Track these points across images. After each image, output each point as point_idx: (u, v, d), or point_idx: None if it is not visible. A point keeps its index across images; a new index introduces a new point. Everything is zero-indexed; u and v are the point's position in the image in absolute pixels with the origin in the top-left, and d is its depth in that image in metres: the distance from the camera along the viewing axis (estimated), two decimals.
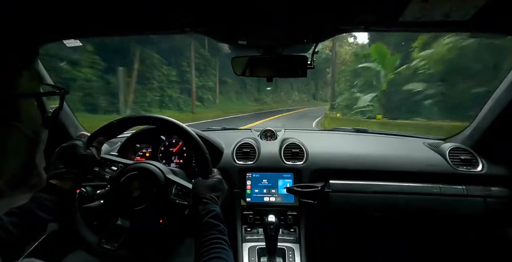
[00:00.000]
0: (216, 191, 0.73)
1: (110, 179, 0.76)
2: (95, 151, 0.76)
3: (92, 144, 0.76)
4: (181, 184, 0.76)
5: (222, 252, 0.57)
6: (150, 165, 0.77)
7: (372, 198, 1.14)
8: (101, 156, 0.79)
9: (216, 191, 0.73)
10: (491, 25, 0.72)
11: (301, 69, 0.91)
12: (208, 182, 0.74)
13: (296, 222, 1.15)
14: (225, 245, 0.59)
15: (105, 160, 0.79)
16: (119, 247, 0.70)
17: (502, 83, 1.06)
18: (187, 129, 0.82)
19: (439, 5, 0.59)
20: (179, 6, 0.64)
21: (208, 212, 0.65)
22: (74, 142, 0.73)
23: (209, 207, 0.67)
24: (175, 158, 1.22)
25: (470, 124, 1.25)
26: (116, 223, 0.73)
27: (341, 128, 1.74)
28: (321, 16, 0.69)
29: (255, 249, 1.06)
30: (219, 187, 0.75)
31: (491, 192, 1.10)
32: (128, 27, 0.78)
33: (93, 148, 0.76)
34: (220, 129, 1.65)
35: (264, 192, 1.18)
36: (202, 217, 0.64)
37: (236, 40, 0.84)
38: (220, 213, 0.67)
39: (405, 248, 1.41)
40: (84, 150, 0.73)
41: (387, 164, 1.20)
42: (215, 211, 0.66)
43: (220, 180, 0.78)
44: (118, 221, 0.74)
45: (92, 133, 0.79)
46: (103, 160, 0.79)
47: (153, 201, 0.72)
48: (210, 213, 0.65)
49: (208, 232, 0.61)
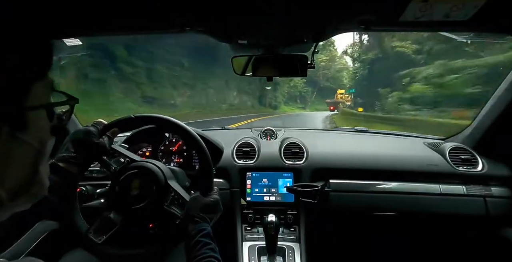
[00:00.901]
0: (211, 213, 0.72)
1: (113, 172, 0.77)
2: (107, 140, 0.75)
3: (106, 133, 0.76)
4: (180, 194, 0.75)
5: None
6: (152, 164, 0.77)
7: (372, 198, 1.14)
8: (111, 146, 0.78)
9: (210, 212, 0.72)
10: (491, 25, 0.72)
11: (301, 68, 0.92)
12: (205, 201, 0.73)
13: (296, 221, 1.15)
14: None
15: (114, 151, 0.79)
16: (105, 242, 0.70)
17: (502, 83, 1.06)
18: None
19: (439, 5, 0.59)
20: (179, 6, 0.64)
21: (198, 231, 0.65)
22: (89, 128, 0.73)
23: (199, 226, 0.66)
24: (175, 157, 1.22)
25: (470, 124, 1.26)
26: (108, 216, 0.72)
27: (341, 128, 1.74)
28: (321, 16, 0.69)
29: (255, 248, 1.07)
30: (214, 208, 0.74)
31: (491, 192, 1.10)
32: (128, 26, 0.78)
33: (106, 137, 0.76)
34: (220, 128, 1.65)
35: (264, 191, 1.18)
36: (193, 236, 0.64)
37: (236, 40, 0.84)
38: (210, 231, 0.67)
39: (405, 248, 1.42)
40: (97, 138, 0.73)
41: (387, 164, 1.20)
42: (206, 229, 0.66)
43: (218, 201, 0.76)
44: (110, 214, 0.73)
45: (109, 122, 0.79)
46: (112, 150, 0.79)
47: (150, 201, 0.72)
48: (201, 232, 0.64)
49: (200, 251, 0.61)
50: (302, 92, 34.37)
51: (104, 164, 0.78)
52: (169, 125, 0.84)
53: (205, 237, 0.64)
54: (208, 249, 0.61)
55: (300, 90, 33.90)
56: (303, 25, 0.75)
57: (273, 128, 1.47)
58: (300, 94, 34.35)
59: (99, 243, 0.69)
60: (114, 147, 0.79)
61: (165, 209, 0.74)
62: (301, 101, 34.86)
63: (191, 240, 0.63)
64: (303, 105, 33.95)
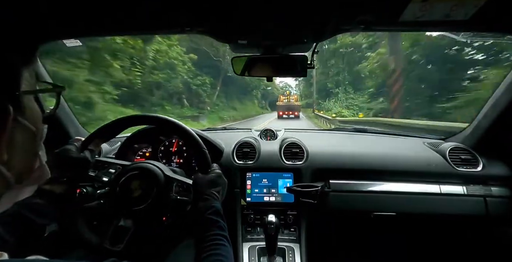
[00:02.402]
0: (216, 186, 0.73)
1: (109, 181, 0.76)
2: (88, 154, 0.76)
3: (87, 147, 0.77)
4: (181, 181, 0.76)
5: (221, 248, 0.57)
6: (149, 164, 0.78)
7: (372, 198, 1.14)
8: (96, 158, 0.78)
9: (215, 186, 0.73)
10: (491, 25, 0.72)
11: (301, 68, 0.92)
12: (207, 178, 0.74)
13: (296, 222, 1.15)
14: (225, 241, 0.59)
15: (102, 162, 0.79)
16: (124, 248, 0.70)
17: (502, 83, 1.06)
18: (184, 126, 0.82)
19: (439, 4, 0.59)
20: (179, 6, 0.64)
21: (207, 208, 0.65)
22: (66, 146, 0.74)
23: (209, 203, 0.67)
24: (175, 158, 1.22)
25: (470, 124, 1.25)
26: (118, 225, 0.73)
27: (341, 128, 1.75)
28: (321, 16, 0.69)
29: (255, 249, 1.06)
30: (218, 182, 0.75)
31: (491, 192, 1.10)
32: (128, 26, 0.78)
33: (87, 151, 0.76)
34: (220, 129, 1.65)
35: (264, 192, 1.18)
36: (202, 213, 0.64)
37: (236, 40, 0.83)
38: (220, 208, 0.67)
39: (405, 248, 1.42)
40: (76, 153, 0.73)
41: (387, 164, 1.20)
42: (215, 207, 0.66)
43: (220, 174, 0.77)
44: (121, 222, 0.73)
45: (87, 136, 0.79)
46: (100, 162, 0.79)
47: (154, 200, 0.72)
48: (209, 209, 0.65)
49: (208, 228, 0.61)
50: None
51: (95, 180, 0.78)
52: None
53: (214, 215, 0.64)
54: (216, 226, 0.62)
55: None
56: (303, 25, 0.75)
57: (273, 129, 1.48)
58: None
59: (119, 250, 0.69)
60: (99, 159, 0.79)
61: (172, 199, 0.74)
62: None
63: (201, 217, 0.64)
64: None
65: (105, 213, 0.76)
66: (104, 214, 0.77)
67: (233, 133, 1.56)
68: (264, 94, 41.16)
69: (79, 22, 0.73)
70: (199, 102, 16.18)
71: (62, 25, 0.73)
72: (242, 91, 27.19)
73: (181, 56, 13.84)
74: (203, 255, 0.55)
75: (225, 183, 0.78)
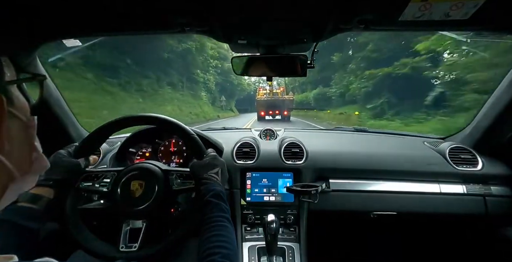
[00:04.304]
0: (213, 168, 0.73)
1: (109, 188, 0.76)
2: (83, 161, 0.77)
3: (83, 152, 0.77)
4: (178, 170, 0.77)
5: (222, 229, 0.58)
6: (145, 163, 0.79)
7: (372, 197, 1.14)
8: (87, 169, 0.79)
9: (213, 168, 0.73)
10: (491, 24, 0.72)
11: (301, 68, 0.92)
12: (203, 162, 0.74)
13: (296, 221, 1.15)
14: (226, 222, 0.60)
15: (95, 173, 0.79)
16: (140, 247, 0.70)
17: (502, 82, 1.06)
18: (169, 119, 0.82)
19: (439, 4, 0.59)
20: (178, 6, 0.64)
21: (208, 192, 0.66)
22: (59, 151, 0.74)
23: (209, 186, 0.68)
24: (175, 158, 1.22)
25: (470, 123, 1.26)
26: (127, 228, 0.73)
27: (341, 128, 1.75)
28: (321, 16, 0.69)
29: (255, 249, 1.06)
30: (214, 163, 0.75)
31: (491, 191, 1.10)
32: (128, 26, 0.78)
33: (81, 159, 0.77)
34: (220, 129, 1.65)
35: (264, 191, 1.18)
36: (203, 197, 0.65)
37: (236, 40, 0.83)
38: (220, 191, 0.67)
39: (405, 247, 1.42)
40: (67, 158, 0.73)
41: (387, 163, 1.20)
42: (215, 190, 0.66)
43: (214, 156, 0.77)
44: (129, 225, 0.74)
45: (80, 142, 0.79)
46: (93, 173, 0.79)
47: (157, 195, 0.73)
48: (210, 192, 0.65)
49: (209, 211, 0.62)
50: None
51: (92, 192, 0.78)
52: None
53: (214, 197, 0.65)
54: (217, 209, 0.62)
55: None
56: (303, 25, 0.75)
57: (273, 129, 1.48)
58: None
59: (135, 250, 0.69)
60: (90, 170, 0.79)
61: (175, 191, 0.76)
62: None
63: (201, 201, 0.65)
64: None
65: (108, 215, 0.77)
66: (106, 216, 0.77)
67: (233, 132, 1.56)
68: (222, 85, 26.56)
69: (79, 22, 0.73)
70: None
71: (61, 25, 0.73)
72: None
73: None
74: (204, 236, 0.56)
75: (222, 163, 0.77)
